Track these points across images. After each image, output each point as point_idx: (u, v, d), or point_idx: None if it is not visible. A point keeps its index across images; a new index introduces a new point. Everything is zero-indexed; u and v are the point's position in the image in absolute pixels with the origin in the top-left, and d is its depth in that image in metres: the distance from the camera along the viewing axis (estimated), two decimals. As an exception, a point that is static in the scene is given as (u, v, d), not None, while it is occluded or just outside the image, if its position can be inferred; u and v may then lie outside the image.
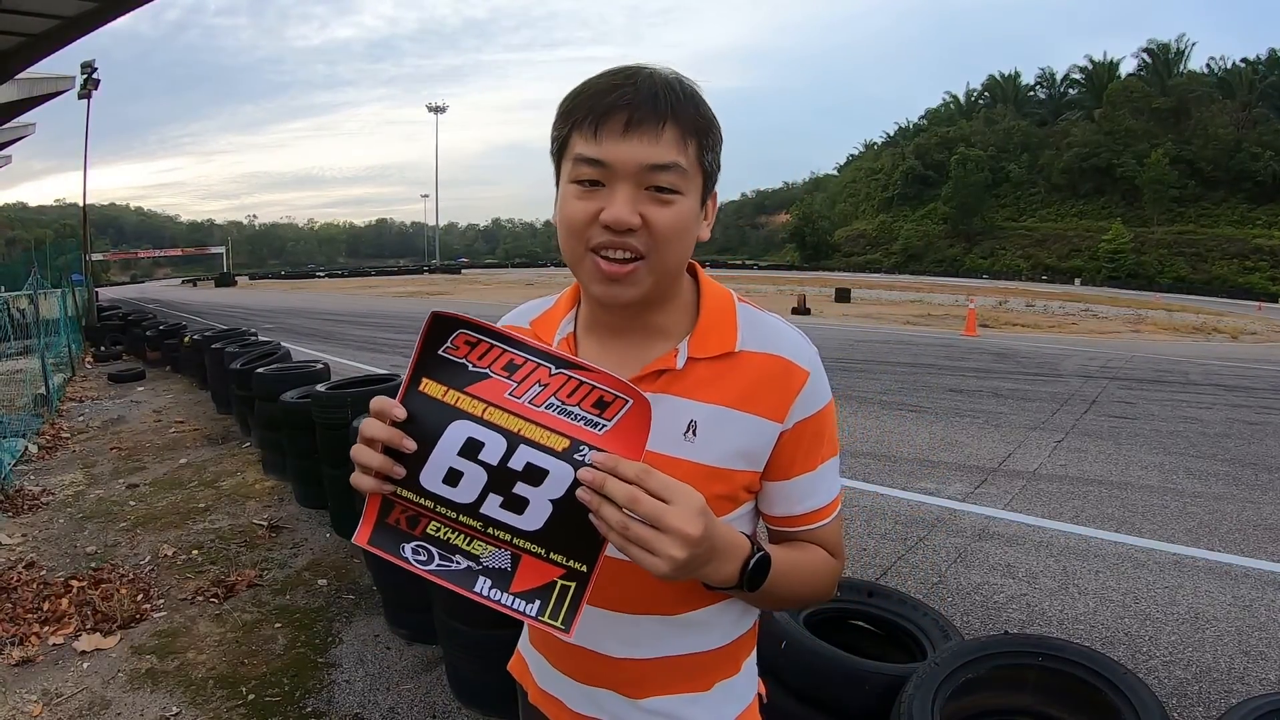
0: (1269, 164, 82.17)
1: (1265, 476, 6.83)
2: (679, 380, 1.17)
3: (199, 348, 11.61)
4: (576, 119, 1.08)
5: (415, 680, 3.70)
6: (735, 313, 1.22)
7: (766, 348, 1.19)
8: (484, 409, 0.96)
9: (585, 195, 1.08)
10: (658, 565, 0.94)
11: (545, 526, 0.97)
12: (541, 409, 0.96)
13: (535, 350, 0.98)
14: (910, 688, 2.08)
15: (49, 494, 6.78)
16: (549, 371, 0.97)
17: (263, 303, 38.21)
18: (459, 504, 0.98)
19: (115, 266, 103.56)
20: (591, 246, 1.08)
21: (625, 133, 1.04)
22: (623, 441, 0.95)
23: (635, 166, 1.05)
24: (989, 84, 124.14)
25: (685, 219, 1.09)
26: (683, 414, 1.15)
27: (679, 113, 1.06)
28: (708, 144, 1.11)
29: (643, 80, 1.07)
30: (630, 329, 1.22)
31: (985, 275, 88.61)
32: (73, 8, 13.63)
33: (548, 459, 0.95)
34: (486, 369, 0.97)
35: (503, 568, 0.99)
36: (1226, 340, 25.53)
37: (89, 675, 3.80)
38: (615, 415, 0.96)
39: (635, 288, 1.10)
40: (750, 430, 1.16)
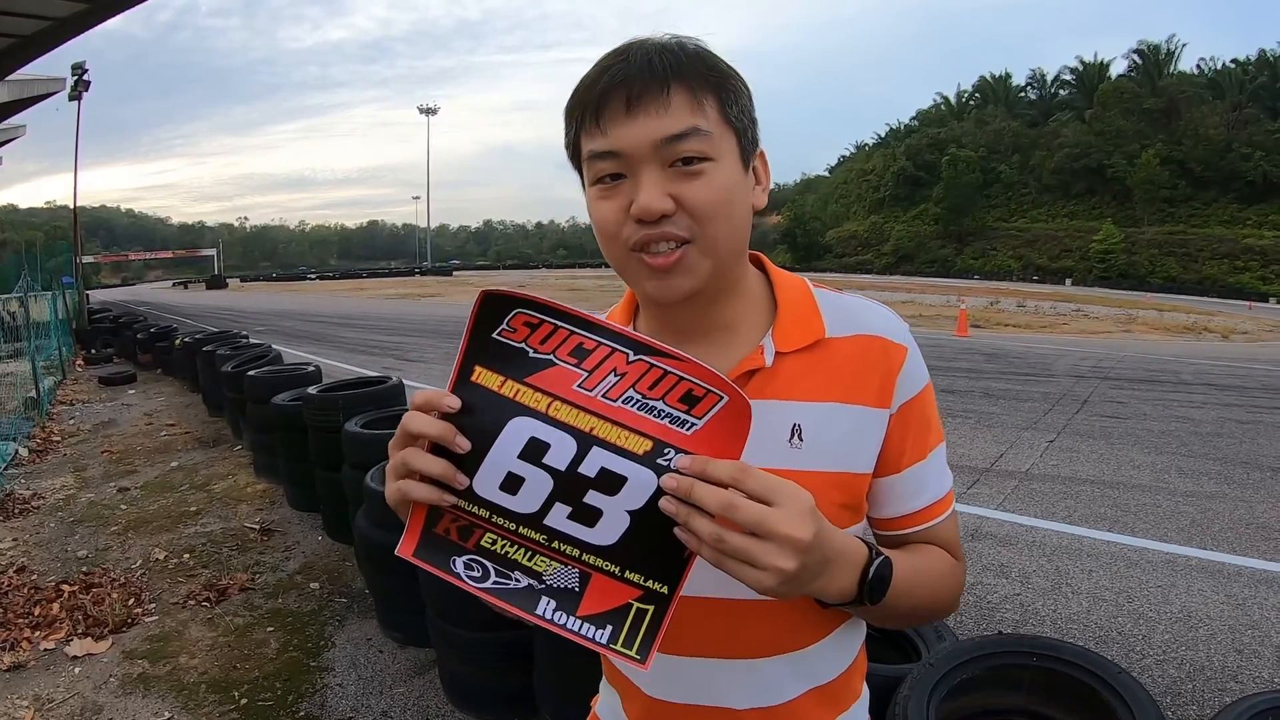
0: (1259, 164, 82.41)
1: (1257, 475, 6.85)
2: (772, 380, 1.03)
3: (190, 350, 11.59)
4: (578, 117, 0.98)
5: (408, 684, 3.69)
6: (814, 297, 1.10)
7: (858, 329, 1.07)
8: (549, 403, 0.82)
9: (609, 193, 0.97)
10: (762, 579, 0.80)
11: (620, 541, 0.84)
12: (618, 404, 0.82)
13: (609, 332, 0.83)
14: (905, 688, 2.08)
15: (40, 498, 6.76)
16: (626, 358, 0.82)
17: (254, 305, 38.14)
18: (520, 514, 0.85)
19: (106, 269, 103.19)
20: (632, 246, 0.97)
21: (629, 111, 0.93)
22: (716, 444, 0.82)
23: (650, 144, 0.93)
24: (980, 85, 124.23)
25: (725, 187, 0.96)
26: (784, 417, 1.02)
27: (683, 72, 0.95)
28: (728, 98, 0.98)
29: (634, 52, 0.96)
30: (699, 330, 1.08)
31: (977, 276, 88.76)
32: (64, 9, 13.56)
33: (626, 464, 0.82)
34: (551, 355, 0.83)
35: (570, 587, 0.86)
36: (1218, 340, 25.65)
37: (80, 680, 3.78)
38: (707, 413, 0.82)
39: (689, 276, 0.97)
40: (860, 423, 1.04)
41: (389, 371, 9.07)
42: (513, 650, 3.16)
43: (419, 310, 32.99)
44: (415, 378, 11.66)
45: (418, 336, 19.88)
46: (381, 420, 5.15)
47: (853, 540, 0.94)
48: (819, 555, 0.84)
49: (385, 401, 5.70)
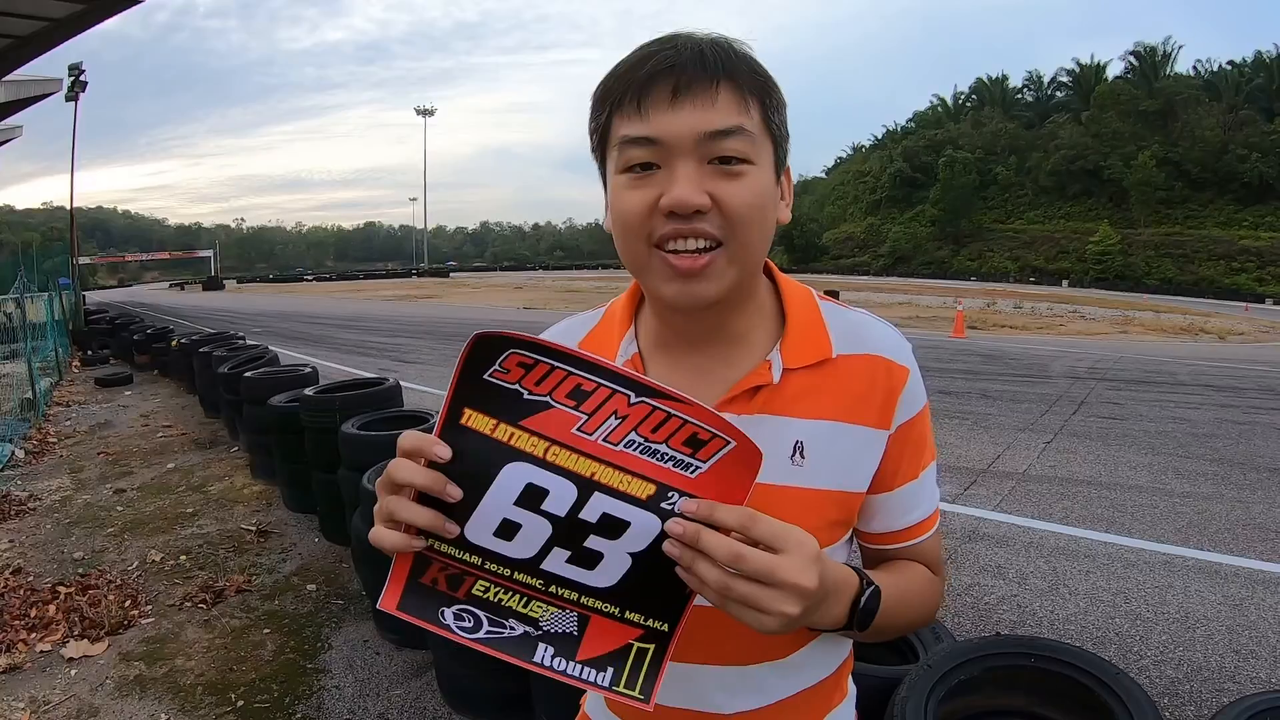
0: (1255, 165, 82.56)
1: (1253, 476, 6.85)
2: (777, 396, 1.02)
3: (187, 352, 11.57)
4: (615, 99, 0.93)
5: (405, 686, 3.69)
6: (821, 312, 1.08)
7: (864, 348, 1.05)
8: (546, 448, 0.79)
9: (639, 182, 0.93)
10: (768, 624, 0.81)
11: (621, 583, 0.83)
12: (620, 447, 0.79)
13: (610, 373, 0.78)
14: (903, 690, 2.08)
15: (36, 499, 6.74)
16: (628, 400, 0.78)
17: (250, 306, 38.09)
18: (515, 560, 0.82)
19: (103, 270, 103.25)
20: (656, 241, 0.93)
21: (675, 100, 0.89)
22: (721, 488, 0.79)
23: (693, 137, 0.89)
24: (977, 86, 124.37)
25: (762, 193, 0.94)
26: (787, 434, 1.01)
27: (733, 70, 0.92)
28: (771, 105, 0.96)
29: (684, 42, 0.92)
30: (707, 340, 1.05)
31: (973, 277, 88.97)
32: (61, 10, 13.57)
33: (629, 508, 0.79)
34: (547, 396, 0.78)
35: (568, 632, 0.84)
36: (1214, 341, 25.70)
37: (77, 682, 3.77)
38: (712, 456, 0.79)
39: (716, 282, 0.94)
40: (860, 443, 1.03)
41: (386, 373, 9.08)
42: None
43: (416, 312, 32.96)
44: (412, 379, 11.64)
45: (414, 338, 19.86)
46: (378, 421, 5.15)
47: (845, 571, 0.94)
48: (820, 597, 0.84)
49: (382, 403, 5.69)
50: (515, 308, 34.64)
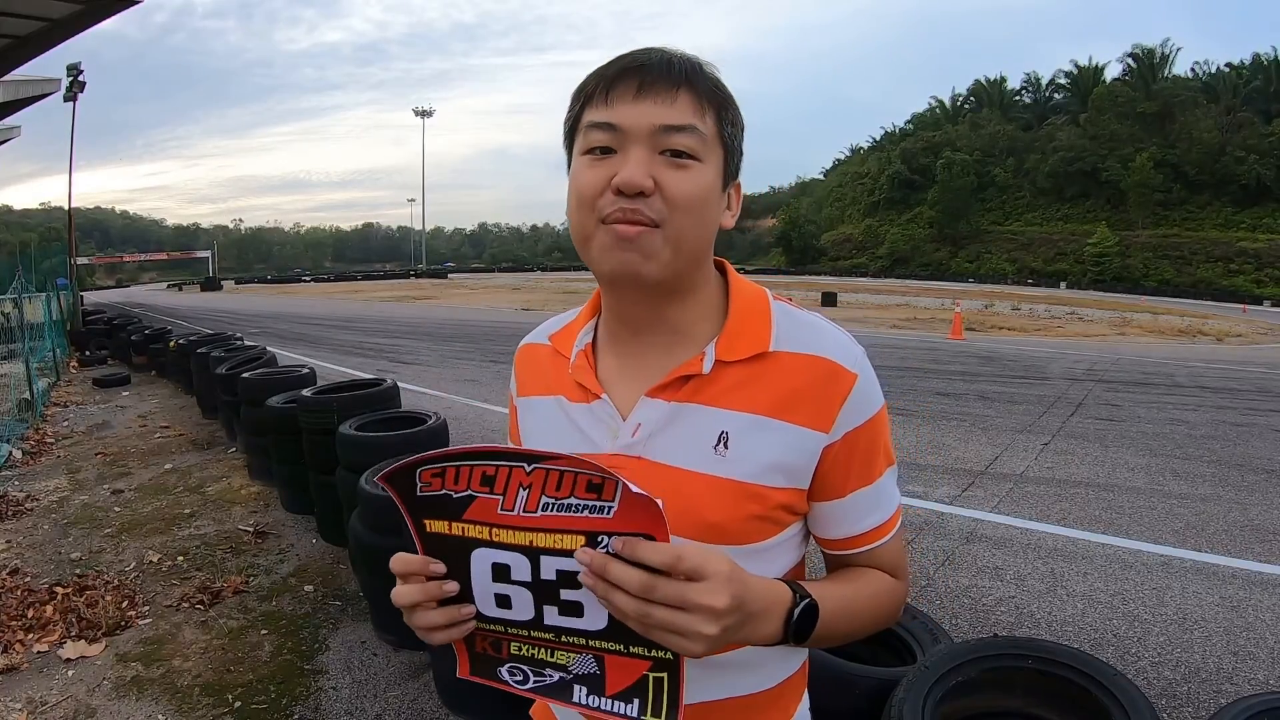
0: (1253, 167, 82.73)
1: (1251, 477, 6.86)
2: (707, 386, 1.05)
3: (185, 352, 11.55)
4: (588, 93, 1.03)
5: (403, 687, 3.68)
6: (770, 311, 1.11)
7: (807, 348, 1.06)
8: (490, 531, 0.88)
9: (596, 163, 1.00)
10: (690, 647, 0.85)
11: (611, 623, 0.88)
12: (539, 513, 0.86)
13: (502, 454, 0.87)
14: (900, 691, 2.08)
15: (33, 500, 6.73)
16: (525, 471, 0.86)
17: (248, 307, 38.08)
18: (523, 622, 0.92)
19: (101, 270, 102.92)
20: (603, 218, 0.99)
21: (638, 94, 0.98)
22: (639, 519, 0.83)
23: (648, 127, 0.98)
24: (975, 89, 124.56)
25: (703, 187, 1.00)
26: (712, 424, 1.04)
27: (695, 80, 1.01)
28: (727, 117, 1.03)
29: (655, 52, 1.02)
30: (649, 330, 1.11)
31: (971, 279, 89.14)
32: (59, 10, 13.54)
33: (571, 560, 0.86)
34: (467, 491, 0.89)
35: (592, 672, 0.92)
36: (1212, 343, 25.71)
37: (74, 683, 3.77)
38: (615, 494, 0.83)
39: (651, 259, 0.99)
40: (789, 442, 1.04)
41: (383, 374, 9.08)
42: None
43: (413, 313, 32.95)
44: (410, 380, 11.65)
45: (412, 339, 19.85)
46: (376, 423, 5.14)
47: (775, 589, 0.97)
48: (740, 615, 0.88)
49: (380, 404, 5.69)
50: (512, 308, 34.65)
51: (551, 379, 1.20)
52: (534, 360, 1.27)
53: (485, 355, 15.85)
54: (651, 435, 1.07)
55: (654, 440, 1.06)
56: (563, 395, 1.16)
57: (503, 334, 20.76)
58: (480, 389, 11.32)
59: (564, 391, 1.16)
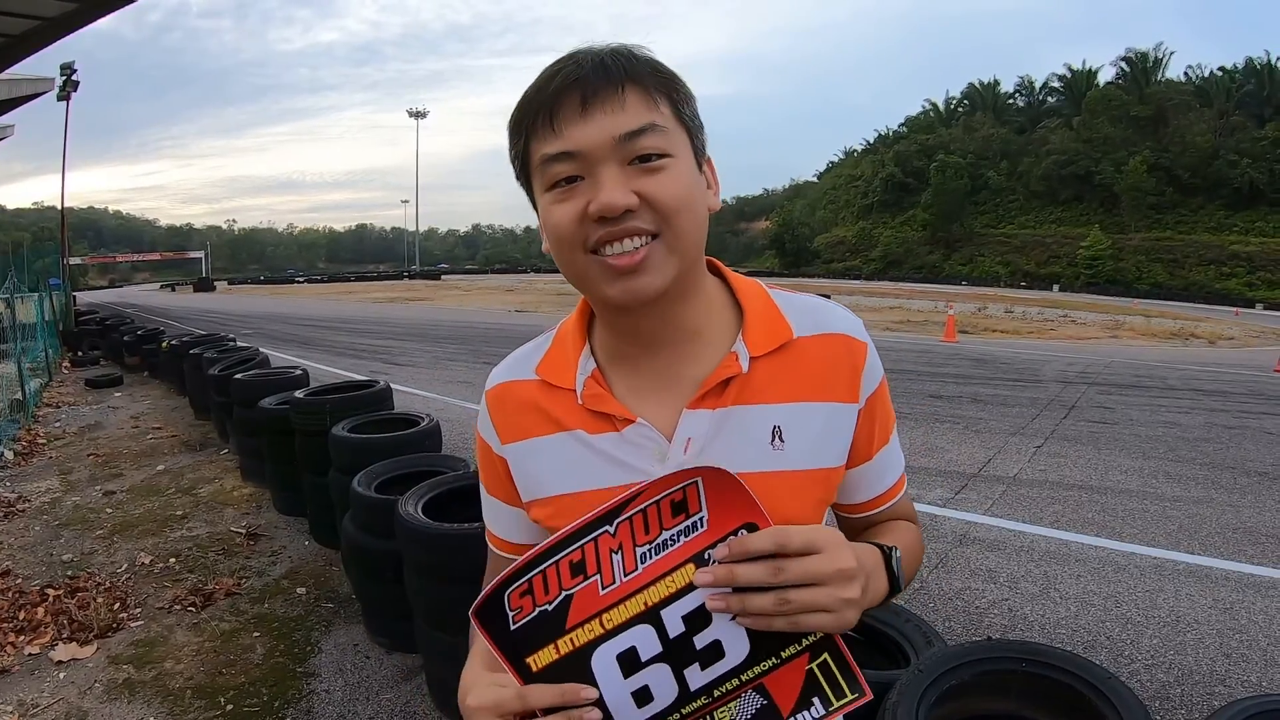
0: (1246, 171, 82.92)
1: (1244, 480, 6.88)
2: (749, 385, 1.03)
3: (177, 353, 11.53)
4: (528, 123, 0.96)
5: (395, 689, 3.68)
6: (774, 299, 1.10)
7: (822, 328, 1.07)
8: (600, 621, 0.82)
9: (565, 195, 0.94)
10: (844, 618, 0.85)
11: (754, 644, 0.84)
12: (641, 569, 0.81)
13: (578, 531, 0.82)
14: (894, 694, 2.07)
15: (25, 501, 6.71)
16: (610, 534, 0.81)
17: (242, 308, 38.00)
18: (672, 705, 0.84)
19: (94, 270, 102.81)
20: (590, 248, 0.94)
21: (584, 110, 0.92)
22: (731, 516, 0.81)
23: (608, 142, 0.91)
24: (968, 92, 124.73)
25: (685, 182, 0.95)
26: (763, 421, 1.02)
27: (636, 72, 0.94)
28: (679, 98, 0.98)
29: (584, 56, 0.95)
30: (664, 341, 1.05)
31: (964, 281, 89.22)
32: (53, 8, 13.52)
33: (694, 597, 0.81)
34: (561, 593, 0.82)
35: (760, 705, 0.86)
36: (1204, 345, 25.81)
37: (65, 685, 3.76)
38: (700, 502, 0.80)
39: (658, 274, 0.95)
40: (833, 419, 1.05)
41: (376, 375, 9.06)
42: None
43: (407, 314, 32.92)
44: (403, 381, 11.62)
45: (406, 340, 19.82)
46: (369, 424, 5.13)
47: (870, 549, 0.99)
48: (865, 574, 0.90)
49: (373, 405, 5.68)
50: (506, 310, 34.64)
51: (556, 415, 1.09)
52: (517, 400, 1.14)
53: (478, 357, 15.82)
54: (704, 448, 1.02)
55: (708, 451, 1.01)
56: (579, 429, 1.07)
57: (496, 336, 20.74)
58: (473, 390, 11.29)
59: (578, 425, 1.07)
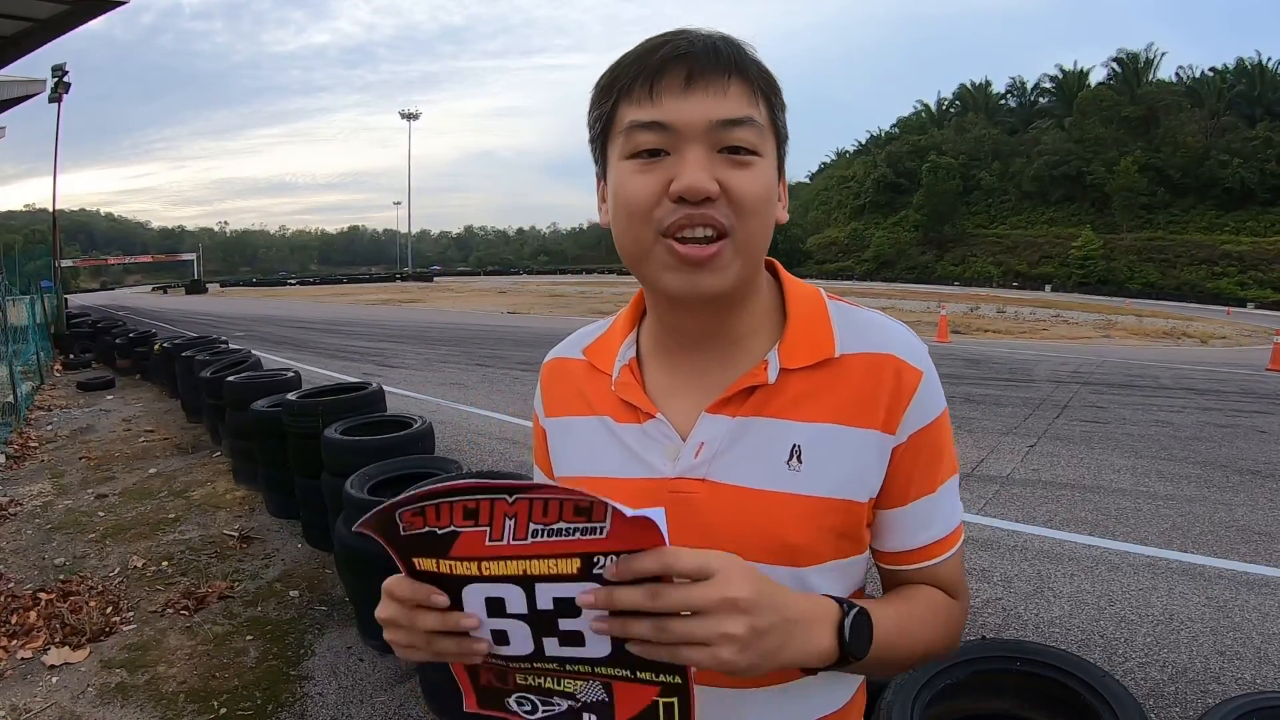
0: (1237, 171, 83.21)
1: (1236, 478, 6.89)
2: (774, 397, 0.98)
3: (169, 356, 11.49)
4: (624, 85, 0.92)
5: (389, 692, 3.67)
6: (828, 311, 1.04)
7: (871, 347, 1.00)
8: (478, 565, 0.82)
9: (647, 168, 0.91)
10: (719, 654, 0.76)
11: (615, 650, 0.82)
12: (530, 540, 0.80)
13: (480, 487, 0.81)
14: (889, 694, 2.07)
15: (16, 504, 6.69)
16: (508, 502, 0.80)
17: (234, 310, 37.96)
18: (525, 655, 0.86)
19: (85, 273, 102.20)
20: (663, 230, 0.91)
21: (688, 86, 0.89)
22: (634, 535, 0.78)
23: (704, 123, 0.89)
24: (960, 93, 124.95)
25: (769, 184, 0.93)
26: (783, 437, 0.97)
27: (745, 65, 0.92)
28: (778, 104, 0.96)
29: (695, 35, 0.92)
30: (706, 341, 1.03)
31: (957, 282, 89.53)
32: (45, 10, 13.48)
33: (571, 586, 0.81)
34: (450, 527, 0.82)
35: (601, 699, 0.87)
36: (1196, 345, 25.88)
37: (58, 690, 3.74)
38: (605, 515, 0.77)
39: (721, 275, 0.92)
40: (864, 448, 0.97)
41: (369, 378, 9.04)
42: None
43: (399, 316, 32.91)
44: (395, 384, 11.61)
45: (398, 342, 19.81)
46: (361, 427, 5.12)
47: (819, 600, 0.89)
48: (772, 616, 0.80)
49: (365, 408, 5.67)
50: (499, 312, 34.64)
51: (591, 397, 1.10)
52: (565, 376, 1.16)
53: (471, 359, 15.82)
54: (716, 455, 0.99)
55: (720, 460, 0.99)
56: (608, 415, 1.07)
57: (489, 338, 20.75)
58: (466, 393, 11.30)
59: (608, 411, 1.07)
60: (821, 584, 0.97)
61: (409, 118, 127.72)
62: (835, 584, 1.00)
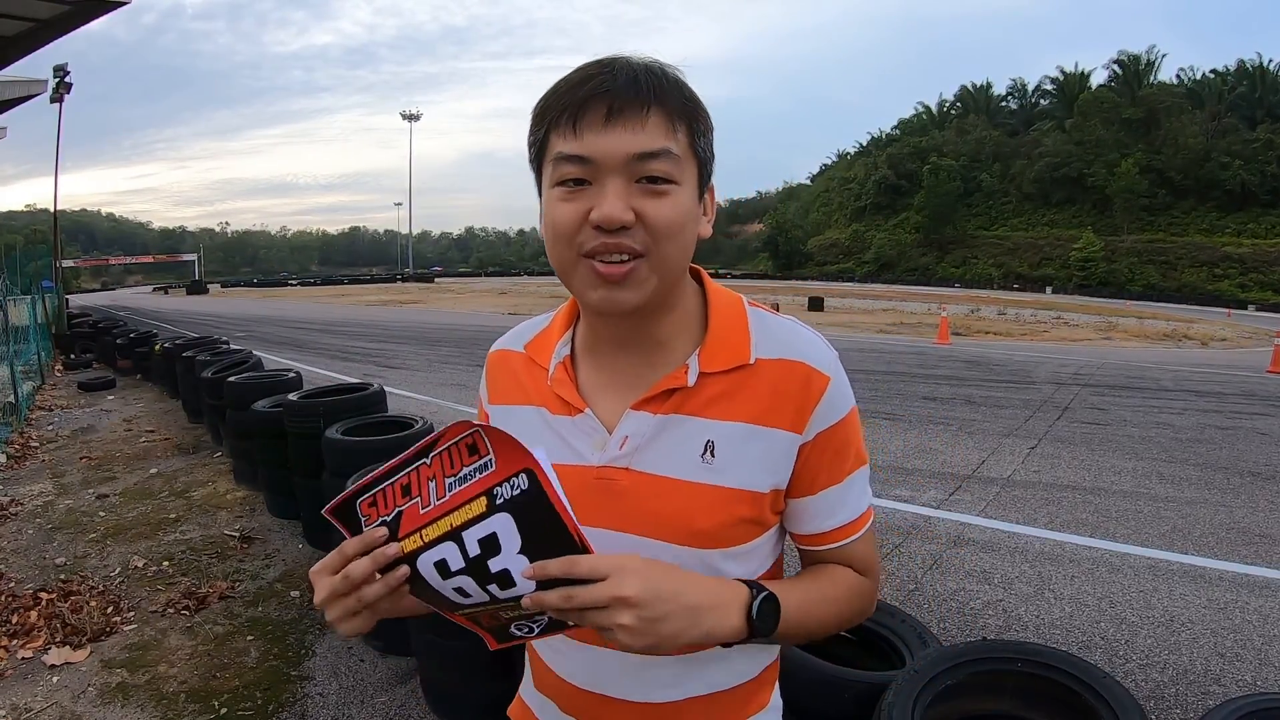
0: (1238, 173, 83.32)
1: (1237, 480, 6.89)
2: (692, 398, 1.07)
3: (170, 356, 11.49)
4: (552, 117, 0.99)
5: (389, 693, 3.66)
6: (747, 319, 1.13)
7: (783, 353, 1.09)
8: (420, 535, 0.93)
9: (571, 196, 0.99)
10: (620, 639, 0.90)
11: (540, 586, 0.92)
12: (447, 496, 0.92)
13: (405, 461, 0.94)
14: (890, 695, 2.08)
15: (17, 504, 6.68)
16: (427, 464, 0.93)
17: (234, 311, 37.95)
18: (485, 603, 0.96)
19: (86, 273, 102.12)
20: (584, 252, 0.99)
21: (607, 122, 0.96)
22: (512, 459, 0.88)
23: (622, 157, 0.96)
24: (961, 94, 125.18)
25: (683, 211, 1.00)
26: (698, 434, 1.07)
27: (663, 96, 0.98)
28: (699, 129, 1.02)
29: (620, 67, 0.98)
30: (632, 343, 1.12)
31: (957, 284, 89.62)
32: (46, 10, 13.50)
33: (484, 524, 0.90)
34: (394, 510, 0.94)
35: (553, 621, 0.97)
36: (1197, 347, 25.84)
37: (59, 689, 3.74)
38: (488, 447, 0.89)
39: (637, 290, 1.01)
40: (772, 446, 1.07)
41: (370, 378, 9.04)
42: (495, 658, 3.14)
43: (400, 317, 32.88)
44: (396, 384, 11.61)
45: (399, 343, 19.79)
46: (362, 427, 5.12)
47: (727, 584, 1.02)
48: (667, 606, 0.92)
49: (366, 408, 5.67)
50: (499, 313, 34.61)
51: (530, 389, 1.20)
52: (507, 367, 1.27)
53: (472, 360, 15.81)
54: (639, 448, 1.09)
55: (642, 452, 1.08)
56: (544, 407, 1.17)
57: (489, 338, 20.42)
58: (467, 393, 11.28)
59: (544, 403, 1.17)
60: (731, 568, 1.09)
61: (410, 118, 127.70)
62: (743, 566, 1.11)
